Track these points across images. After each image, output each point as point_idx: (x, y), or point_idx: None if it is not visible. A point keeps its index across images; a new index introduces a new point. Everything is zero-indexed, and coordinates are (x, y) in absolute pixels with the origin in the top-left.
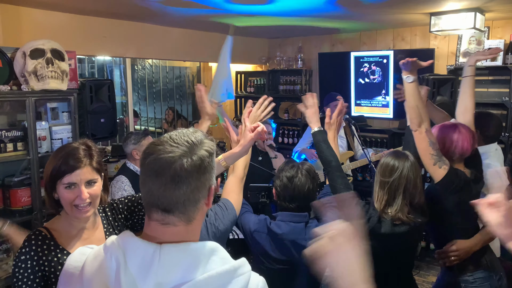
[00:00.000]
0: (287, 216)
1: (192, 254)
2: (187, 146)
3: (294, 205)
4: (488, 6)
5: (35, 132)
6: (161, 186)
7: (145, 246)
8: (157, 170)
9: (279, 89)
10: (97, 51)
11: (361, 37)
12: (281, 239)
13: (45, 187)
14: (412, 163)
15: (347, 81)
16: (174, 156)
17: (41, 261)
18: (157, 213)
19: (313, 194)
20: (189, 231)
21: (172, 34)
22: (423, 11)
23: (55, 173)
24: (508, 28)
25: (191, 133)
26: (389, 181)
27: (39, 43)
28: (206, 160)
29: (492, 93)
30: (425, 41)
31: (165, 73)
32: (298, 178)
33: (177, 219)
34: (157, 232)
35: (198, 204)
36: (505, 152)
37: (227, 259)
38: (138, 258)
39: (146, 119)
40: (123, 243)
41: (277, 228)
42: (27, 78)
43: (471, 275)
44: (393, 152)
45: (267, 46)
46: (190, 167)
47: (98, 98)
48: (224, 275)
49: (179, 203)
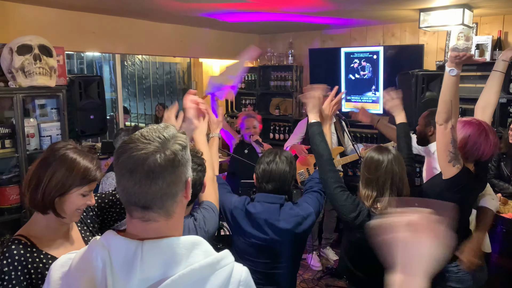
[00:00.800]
0: (263, 197)
1: (174, 249)
2: (159, 141)
3: (271, 186)
4: (476, 2)
5: (23, 129)
6: (136, 183)
7: (128, 244)
8: (130, 167)
9: (270, 85)
10: (86, 47)
11: (351, 33)
12: (254, 218)
13: (45, 192)
14: (395, 156)
15: (337, 77)
16: (147, 153)
17: (26, 269)
18: (136, 211)
19: (289, 177)
20: (170, 225)
21: (162, 30)
22: (413, 7)
23: (76, 183)
24: (496, 24)
25: (162, 129)
26: (375, 177)
27: (26, 39)
28: (179, 154)
29: (480, 88)
30: (414, 37)
31: (155, 69)
32: (276, 162)
33: (156, 214)
34: (139, 229)
35: (176, 197)
36: None
37: (210, 251)
38: (121, 255)
39: (136, 115)
40: (107, 242)
41: (252, 207)
42: (14, 74)
43: (455, 265)
44: (376, 147)
45: (257, 41)
46: (164, 162)
47: (87, 94)
48: (207, 268)
49: (156, 198)
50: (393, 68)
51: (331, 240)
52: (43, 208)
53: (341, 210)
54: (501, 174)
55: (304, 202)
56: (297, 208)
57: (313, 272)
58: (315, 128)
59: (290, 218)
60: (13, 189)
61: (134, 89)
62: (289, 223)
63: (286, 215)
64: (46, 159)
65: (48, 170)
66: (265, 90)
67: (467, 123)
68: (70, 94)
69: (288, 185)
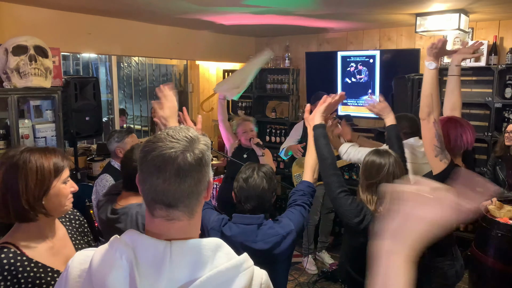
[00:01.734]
0: (240, 218)
1: (200, 250)
2: (186, 141)
3: (250, 206)
4: (472, 7)
5: (17, 130)
6: (165, 181)
7: (155, 244)
8: (160, 165)
9: (267, 87)
10: (82, 48)
11: (348, 36)
12: (230, 241)
13: (29, 198)
14: (395, 159)
15: (333, 81)
16: (177, 151)
17: (16, 279)
18: (161, 209)
19: (268, 195)
20: (191, 225)
21: (159, 32)
22: (409, 12)
23: (52, 172)
24: (492, 29)
25: (186, 129)
26: (376, 181)
27: (21, 39)
28: (206, 154)
29: (476, 93)
30: (411, 41)
31: (151, 71)
32: (253, 178)
33: (181, 213)
34: (163, 228)
35: (200, 197)
36: (487, 152)
37: (232, 254)
38: (149, 256)
39: (132, 117)
40: (132, 242)
41: (228, 230)
42: (9, 75)
43: (440, 261)
44: (375, 151)
45: (254, 44)
46: (194, 161)
47: (83, 96)
48: (231, 270)
49: (183, 196)
50: (389, 72)
51: (326, 243)
52: (33, 214)
53: (345, 215)
54: (497, 178)
55: (285, 217)
56: (276, 227)
57: (309, 276)
58: (320, 130)
59: (268, 238)
60: None
61: (130, 90)
62: (266, 243)
63: (264, 236)
64: (9, 170)
65: (18, 178)
66: (261, 93)
67: (442, 120)
68: (66, 95)
69: (268, 202)
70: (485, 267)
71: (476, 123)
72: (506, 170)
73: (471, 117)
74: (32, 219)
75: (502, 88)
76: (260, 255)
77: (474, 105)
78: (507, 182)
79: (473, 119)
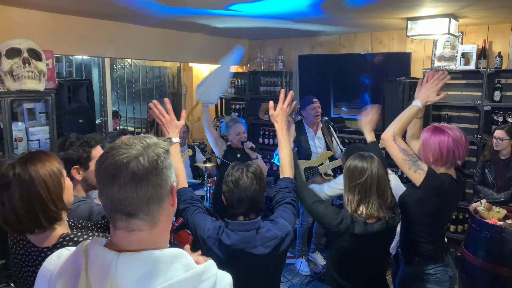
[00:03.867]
0: (236, 226)
1: (151, 262)
2: (141, 146)
3: (242, 209)
4: (462, 12)
5: (11, 133)
6: (120, 188)
7: (104, 254)
8: (113, 173)
9: (260, 90)
10: (75, 51)
11: (340, 40)
12: (230, 249)
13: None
14: (378, 162)
15: (326, 83)
16: (129, 156)
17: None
18: (121, 220)
19: (260, 196)
20: (154, 236)
21: (152, 34)
22: (400, 16)
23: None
24: (481, 33)
25: (143, 137)
26: (360, 182)
27: (15, 42)
28: (162, 156)
29: (465, 96)
30: (402, 44)
31: (145, 73)
32: (244, 180)
33: (142, 222)
34: (123, 240)
35: (162, 203)
36: (477, 154)
37: (191, 265)
38: (97, 266)
39: (125, 119)
40: (89, 249)
41: (227, 238)
42: (3, 78)
43: (432, 268)
44: (358, 155)
45: (247, 47)
46: (148, 164)
47: (76, 98)
48: (186, 282)
49: (142, 203)
50: (380, 75)
51: (320, 245)
52: (60, 214)
53: (323, 221)
54: (485, 180)
55: (280, 218)
56: (274, 229)
57: (302, 277)
58: (295, 155)
59: (268, 242)
60: None
61: (123, 92)
62: (267, 247)
63: (264, 240)
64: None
65: (39, 188)
66: (254, 95)
67: (435, 130)
68: (59, 98)
69: (260, 203)
70: (474, 268)
71: (466, 126)
72: (494, 173)
73: (461, 119)
74: (60, 218)
75: (491, 91)
76: (262, 260)
77: (463, 108)
78: (495, 184)
79: (463, 122)
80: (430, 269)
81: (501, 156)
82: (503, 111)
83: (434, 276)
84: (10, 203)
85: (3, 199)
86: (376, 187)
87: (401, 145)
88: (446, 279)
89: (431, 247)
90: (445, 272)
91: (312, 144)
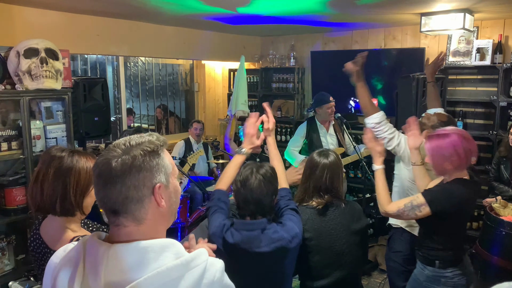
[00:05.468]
0: (241, 225)
1: (140, 252)
2: (122, 148)
3: (249, 210)
4: (477, 7)
5: (29, 131)
6: (100, 188)
7: (99, 246)
8: (97, 174)
9: (272, 86)
10: (90, 50)
11: (353, 35)
12: (233, 248)
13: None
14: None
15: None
16: (108, 158)
17: None
18: (109, 216)
19: (268, 199)
20: (141, 231)
21: (166, 32)
22: (414, 12)
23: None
24: (496, 28)
25: (134, 137)
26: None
27: (33, 42)
28: (139, 158)
29: (481, 91)
30: (415, 40)
31: (158, 70)
32: (250, 182)
33: (125, 219)
34: (114, 233)
35: (142, 203)
36: (492, 150)
37: (181, 253)
38: (92, 257)
39: (139, 116)
40: (87, 242)
41: (231, 237)
42: (21, 77)
43: (451, 271)
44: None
45: (259, 44)
46: (120, 166)
47: (92, 96)
48: (175, 269)
49: (117, 202)
50: (394, 71)
51: None
52: (74, 210)
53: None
54: (501, 177)
55: (289, 221)
56: (281, 231)
57: None
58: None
59: (272, 243)
60: (19, 190)
61: (137, 89)
62: (271, 248)
63: (269, 241)
64: (60, 169)
65: (71, 177)
66: (267, 92)
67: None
68: (75, 96)
69: (267, 205)
70: (489, 265)
71: (481, 122)
72: (510, 169)
73: (476, 115)
74: (72, 214)
75: (507, 86)
76: (267, 261)
77: (479, 103)
78: (511, 181)
79: (478, 118)
80: (449, 272)
81: None
82: None
83: (452, 280)
84: (43, 178)
85: (40, 173)
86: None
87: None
88: (463, 283)
89: (452, 252)
90: (463, 276)
91: (324, 141)
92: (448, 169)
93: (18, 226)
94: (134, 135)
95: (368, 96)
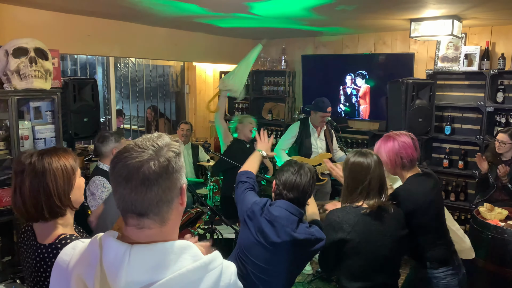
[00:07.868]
0: (284, 204)
1: (161, 253)
2: (153, 149)
3: (292, 195)
4: (465, 14)
5: (17, 131)
6: (131, 191)
7: (118, 246)
8: (126, 176)
9: (263, 89)
10: (80, 50)
11: (343, 40)
12: (274, 220)
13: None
14: (378, 158)
15: (329, 83)
16: (141, 160)
17: None
18: (132, 218)
19: (310, 191)
20: (163, 233)
21: (157, 34)
22: (404, 17)
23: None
24: (484, 35)
25: (156, 138)
26: (366, 180)
27: (22, 41)
28: (173, 160)
29: (468, 97)
30: (405, 45)
31: (149, 71)
32: (300, 174)
33: (151, 221)
34: (133, 235)
35: (172, 204)
36: None
37: (198, 255)
38: (111, 257)
39: (129, 117)
40: (103, 242)
41: (275, 210)
42: (10, 77)
43: (442, 271)
44: (357, 152)
45: (251, 46)
46: (158, 169)
47: (81, 97)
48: (195, 272)
49: (152, 205)
50: (383, 75)
51: None
52: (63, 209)
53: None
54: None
55: (317, 226)
56: (312, 229)
57: (303, 276)
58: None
59: (305, 234)
60: (6, 191)
61: (127, 90)
62: (303, 236)
63: (303, 231)
64: (36, 175)
65: (48, 180)
66: (258, 95)
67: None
68: (64, 97)
69: (307, 198)
70: (476, 268)
71: (468, 127)
72: (496, 174)
73: (464, 120)
74: (63, 213)
75: (494, 92)
76: (293, 245)
77: (466, 109)
78: (496, 185)
79: (465, 123)
80: (440, 273)
81: (503, 158)
82: (505, 112)
83: (444, 280)
84: (20, 189)
85: (16, 184)
86: (379, 186)
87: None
88: (455, 283)
89: (438, 248)
90: (455, 275)
91: (314, 144)
92: (389, 167)
93: (4, 228)
94: (149, 135)
95: None
